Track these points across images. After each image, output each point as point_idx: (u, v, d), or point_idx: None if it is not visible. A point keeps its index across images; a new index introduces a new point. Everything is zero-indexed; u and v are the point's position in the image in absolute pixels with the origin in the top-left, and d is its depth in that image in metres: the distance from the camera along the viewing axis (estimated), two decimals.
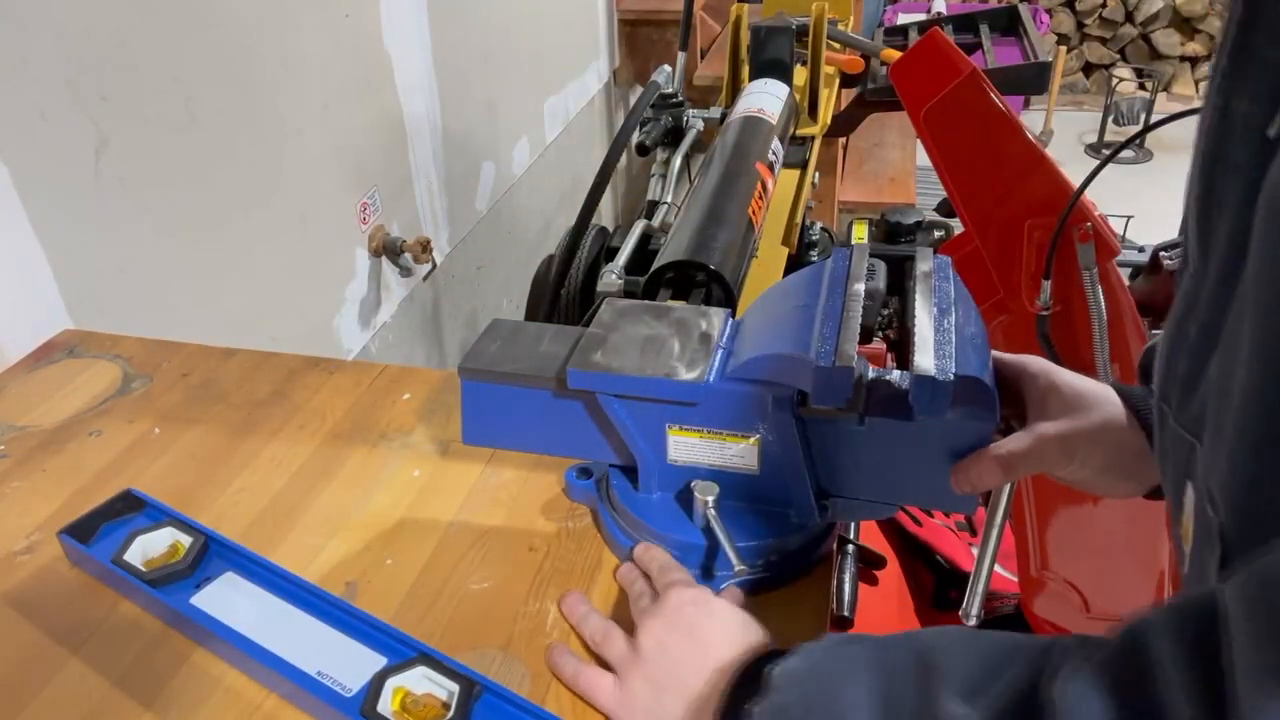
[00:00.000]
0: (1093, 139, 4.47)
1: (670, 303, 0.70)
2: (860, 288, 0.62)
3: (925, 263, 0.65)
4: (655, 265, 1.08)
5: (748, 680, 0.52)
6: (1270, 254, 0.37)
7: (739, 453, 0.66)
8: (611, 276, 1.28)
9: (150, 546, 0.69)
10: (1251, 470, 0.39)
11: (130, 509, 0.73)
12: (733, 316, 0.70)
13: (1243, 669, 0.31)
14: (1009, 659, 0.42)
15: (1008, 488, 0.62)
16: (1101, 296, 1.16)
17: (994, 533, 0.64)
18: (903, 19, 2.60)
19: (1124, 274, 1.24)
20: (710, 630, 0.58)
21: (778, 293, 0.69)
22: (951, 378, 0.54)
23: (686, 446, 0.66)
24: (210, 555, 0.68)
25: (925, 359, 0.55)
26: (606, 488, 0.71)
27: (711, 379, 0.63)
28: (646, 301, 0.70)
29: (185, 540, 0.69)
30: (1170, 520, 0.49)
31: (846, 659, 0.48)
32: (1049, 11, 4.84)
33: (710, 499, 0.64)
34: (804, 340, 0.59)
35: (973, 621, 0.65)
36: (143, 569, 0.67)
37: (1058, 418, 0.61)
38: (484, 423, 0.69)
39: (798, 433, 0.63)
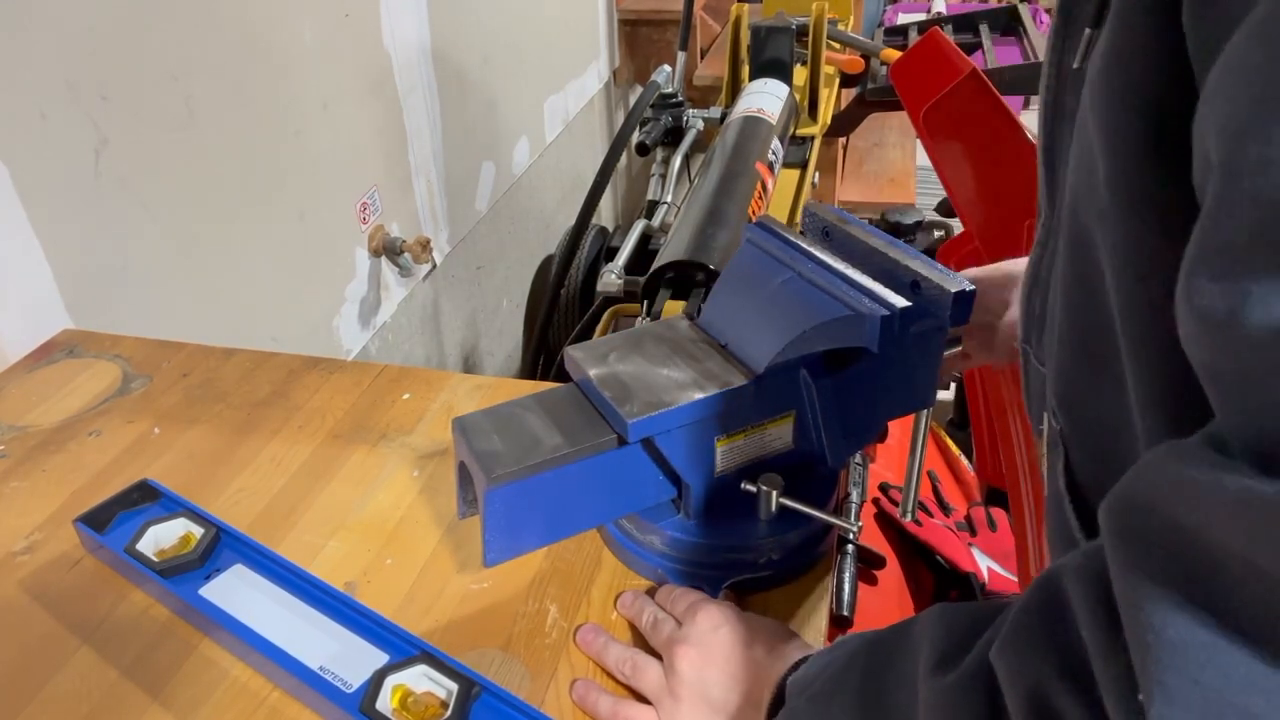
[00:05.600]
0: None
1: (619, 335, 0.68)
2: (821, 250, 0.66)
3: (826, 214, 0.72)
4: (655, 265, 1.09)
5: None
6: (1076, 178, 0.42)
7: (777, 434, 0.66)
8: (611, 276, 1.29)
9: (163, 536, 0.69)
10: (1069, 376, 0.47)
11: (146, 498, 0.74)
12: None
13: (1116, 586, 0.32)
14: (976, 628, 0.42)
15: (925, 413, 0.69)
16: None
17: (920, 441, 0.70)
18: (903, 19, 2.60)
19: None
20: (750, 648, 0.57)
21: (739, 284, 0.69)
22: (972, 288, 0.61)
23: (732, 452, 0.65)
24: (221, 547, 0.69)
25: (945, 277, 0.62)
26: None
27: (761, 372, 0.63)
28: (602, 342, 0.67)
29: (197, 531, 0.69)
30: (1036, 459, 0.54)
31: (843, 657, 0.49)
32: (1049, 11, 4.84)
33: (776, 492, 0.65)
34: (837, 303, 0.62)
35: (908, 518, 0.71)
36: (154, 559, 0.67)
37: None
38: (514, 532, 0.61)
39: (827, 389, 0.65)
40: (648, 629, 0.62)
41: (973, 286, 0.61)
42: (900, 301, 0.61)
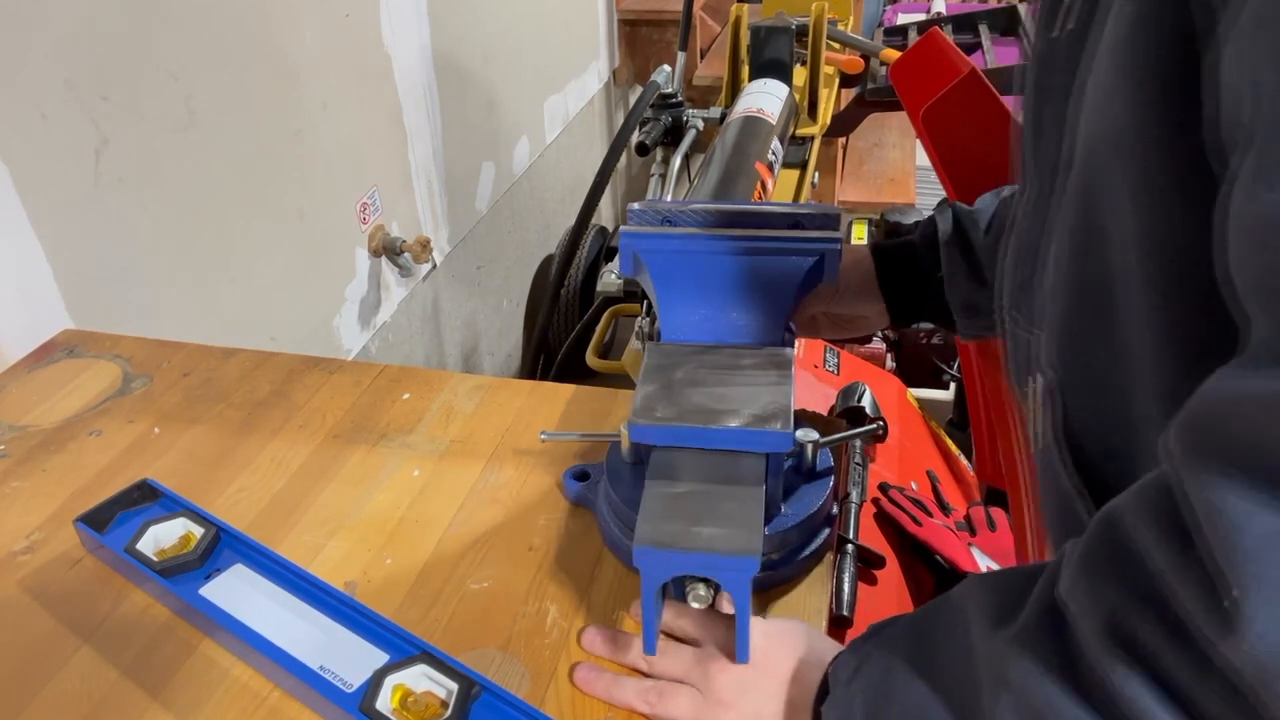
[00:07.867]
0: None
1: (648, 385, 0.65)
2: (710, 229, 0.70)
3: (654, 206, 0.75)
4: None
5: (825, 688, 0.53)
6: (1090, 128, 0.45)
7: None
8: (611, 276, 1.28)
9: (163, 536, 0.69)
10: (1067, 326, 0.50)
11: (146, 498, 0.73)
12: None
13: (1196, 501, 0.33)
14: (1027, 583, 0.43)
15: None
16: None
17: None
18: (903, 19, 2.59)
19: None
20: (786, 652, 0.56)
21: (681, 286, 0.70)
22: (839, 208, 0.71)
23: None
24: (221, 547, 0.69)
25: (812, 208, 0.70)
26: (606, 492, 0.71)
27: (782, 340, 0.66)
28: (647, 396, 0.64)
29: (198, 531, 0.69)
30: (1022, 423, 0.57)
31: (889, 638, 0.50)
32: None
33: (814, 441, 0.67)
34: (789, 256, 0.67)
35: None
36: (154, 559, 0.67)
37: None
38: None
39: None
40: (658, 660, 0.59)
41: (838, 207, 0.71)
42: (833, 234, 0.68)
